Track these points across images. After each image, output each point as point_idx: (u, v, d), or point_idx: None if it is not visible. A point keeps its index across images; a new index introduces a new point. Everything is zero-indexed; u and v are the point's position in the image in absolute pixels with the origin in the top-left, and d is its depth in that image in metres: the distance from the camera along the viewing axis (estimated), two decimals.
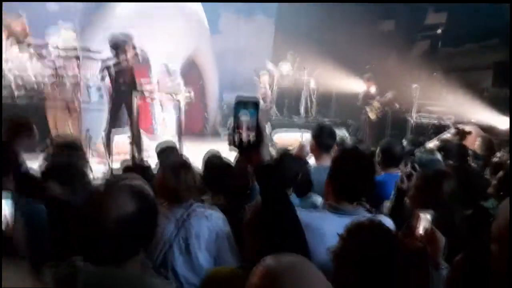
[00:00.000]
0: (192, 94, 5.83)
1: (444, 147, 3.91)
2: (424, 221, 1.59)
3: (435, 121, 8.37)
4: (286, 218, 1.32)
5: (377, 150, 3.28)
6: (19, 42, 6.44)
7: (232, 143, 1.25)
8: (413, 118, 8.31)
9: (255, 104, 1.26)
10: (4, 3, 7.12)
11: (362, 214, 1.79)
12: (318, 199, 2.64)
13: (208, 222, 2.17)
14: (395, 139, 3.69)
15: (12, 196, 1.41)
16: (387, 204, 2.47)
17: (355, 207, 1.85)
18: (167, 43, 8.98)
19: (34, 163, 2.72)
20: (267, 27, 11.88)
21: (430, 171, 2.38)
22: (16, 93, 6.02)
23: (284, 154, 2.99)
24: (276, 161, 2.66)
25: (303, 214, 1.70)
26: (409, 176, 2.39)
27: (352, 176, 1.81)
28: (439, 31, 10.47)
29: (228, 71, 11.39)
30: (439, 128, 8.16)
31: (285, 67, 10.32)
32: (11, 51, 6.20)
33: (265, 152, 1.28)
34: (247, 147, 1.24)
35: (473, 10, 8.98)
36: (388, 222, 1.78)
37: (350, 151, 2.63)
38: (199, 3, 10.15)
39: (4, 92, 6.01)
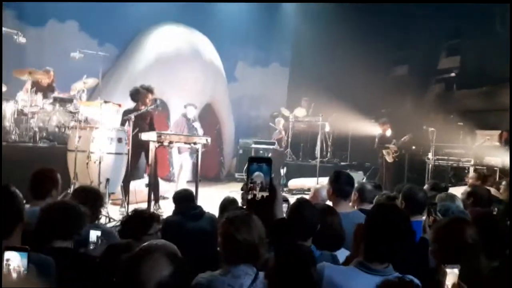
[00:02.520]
0: (209, 140, 5.92)
1: (473, 193, 3.79)
2: (451, 276, 1.54)
3: (454, 164, 8.25)
4: (303, 275, 1.31)
5: (400, 197, 3.21)
6: (45, 96, 6.77)
7: (246, 202, 1.27)
8: (431, 161, 8.21)
9: (268, 161, 1.28)
10: (29, 57, 7.60)
11: (392, 274, 1.73)
12: (342, 255, 2.52)
13: None
14: (417, 186, 3.61)
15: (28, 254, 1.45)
16: None
17: (385, 266, 1.78)
18: (186, 91, 9.30)
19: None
20: (282, 75, 12.21)
21: (447, 219, 2.31)
22: (38, 139, 6.26)
23: (301, 203, 2.74)
24: (293, 210, 2.58)
25: (330, 271, 1.66)
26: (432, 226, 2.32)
27: (389, 238, 1.73)
28: (453, 74, 10.56)
29: (244, 116, 11.62)
30: (458, 171, 8.02)
31: (300, 112, 10.49)
32: (36, 103, 6.50)
33: (279, 209, 1.29)
34: (261, 205, 1.25)
35: (486, 52, 9.09)
36: (416, 281, 1.72)
37: (388, 209, 2.19)
38: (216, 53, 10.55)
39: (26, 138, 6.26)
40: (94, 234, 2.43)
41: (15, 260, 1.42)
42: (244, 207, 1.31)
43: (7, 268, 1.39)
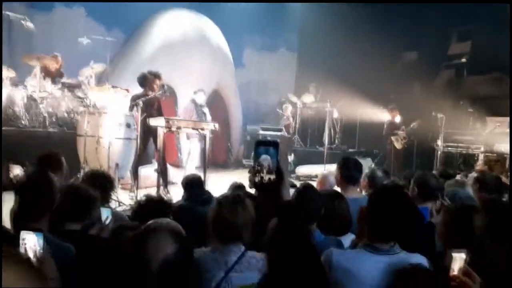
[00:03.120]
0: (217, 126, 5.93)
1: (480, 179, 3.77)
2: (458, 261, 1.53)
3: (463, 151, 8.18)
4: (307, 258, 1.32)
5: (412, 183, 3.20)
6: (54, 82, 6.82)
7: (253, 184, 1.27)
8: (440, 147, 8.15)
9: (275, 145, 1.29)
10: (37, 43, 7.62)
11: (399, 253, 1.76)
12: (346, 239, 2.54)
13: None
14: (429, 172, 3.60)
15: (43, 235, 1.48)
16: None
17: (391, 245, 1.79)
18: (193, 77, 9.28)
19: None
20: (290, 60, 12.11)
21: (457, 205, 2.31)
22: (48, 124, 6.33)
23: (306, 187, 2.79)
24: (297, 195, 2.60)
25: (338, 255, 1.68)
26: (439, 211, 2.33)
27: (392, 218, 1.74)
28: (463, 60, 10.39)
29: (252, 103, 11.60)
30: (468, 158, 7.96)
31: (308, 98, 10.43)
32: (45, 89, 6.54)
33: (286, 192, 1.31)
34: (268, 188, 1.26)
35: (498, 38, 8.91)
36: (423, 261, 1.73)
37: (390, 190, 2.21)
38: (223, 39, 10.48)
39: (37, 123, 6.33)
40: (105, 213, 2.46)
41: (31, 240, 1.46)
42: (252, 189, 1.32)
43: (24, 248, 1.43)
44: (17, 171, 2.40)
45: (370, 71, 9.90)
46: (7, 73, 6.16)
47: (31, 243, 1.47)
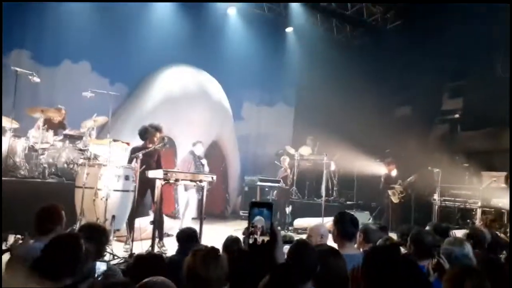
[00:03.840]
0: (215, 178, 5.97)
1: (473, 235, 3.76)
2: None
3: (461, 205, 8.18)
4: None
5: (408, 241, 3.20)
6: (56, 133, 6.95)
7: (247, 246, 1.30)
8: (437, 202, 8.16)
9: (269, 206, 1.32)
10: (42, 96, 7.85)
11: None
12: None
13: None
14: (424, 230, 3.60)
15: None
16: None
17: None
18: (193, 129, 9.47)
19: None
20: (287, 114, 12.42)
21: (456, 270, 2.29)
22: (47, 174, 6.36)
23: (301, 244, 2.75)
24: (292, 252, 2.58)
25: None
26: (435, 270, 2.31)
27: (387, 279, 1.74)
28: (456, 115, 10.66)
29: (250, 154, 11.73)
30: (466, 212, 7.94)
31: (306, 151, 10.57)
32: (47, 140, 6.65)
33: (279, 253, 1.33)
34: (262, 249, 1.28)
35: (489, 94, 9.21)
36: None
37: (385, 252, 2.16)
38: (223, 93, 10.80)
39: (36, 174, 6.36)
40: (100, 268, 2.45)
41: None
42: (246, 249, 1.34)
43: None
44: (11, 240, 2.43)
45: (366, 125, 10.14)
46: (11, 124, 6.30)
47: None
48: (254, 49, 11.18)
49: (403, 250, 3.71)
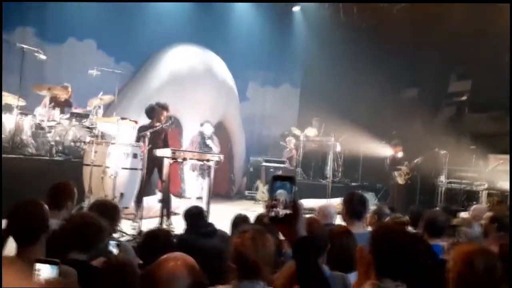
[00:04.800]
0: (222, 157, 5.98)
1: (497, 218, 3.73)
2: None
3: (467, 187, 8.18)
4: None
5: (421, 221, 3.23)
6: (62, 111, 6.94)
7: (268, 219, 1.28)
8: (444, 184, 8.16)
9: (292, 180, 1.30)
10: (48, 74, 7.81)
11: None
12: (353, 276, 2.50)
13: None
14: (440, 210, 3.63)
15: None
16: None
17: (397, 284, 1.76)
18: (199, 109, 9.44)
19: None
20: (293, 95, 12.33)
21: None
22: (54, 152, 6.38)
23: (311, 222, 2.65)
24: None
25: None
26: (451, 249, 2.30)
27: (397, 255, 1.74)
28: (464, 97, 10.56)
29: (255, 135, 11.72)
30: (471, 194, 7.95)
31: (311, 132, 10.54)
32: (54, 118, 6.65)
33: (301, 227, 1.31)
34: (284, 223, 1.27)
35: (497, 77, 9.11)
36: None
37: (393, 229, 2.11)
38: (228, 73, 10.72)
39: (43, 152, 6.38)
40: (113, 246, 2.47)
41: (46, 272, 1.48)
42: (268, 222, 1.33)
43: (37, 278, 1.45)
44: None
45: (372, 106, 10.07)
46: (17, 101, 6.29)
47: (45, 274, 1.50)
48: (260, 29, 11.05)
49: (411, 229, 3.74)
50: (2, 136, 6.26)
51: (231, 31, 10.79)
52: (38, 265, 1.50)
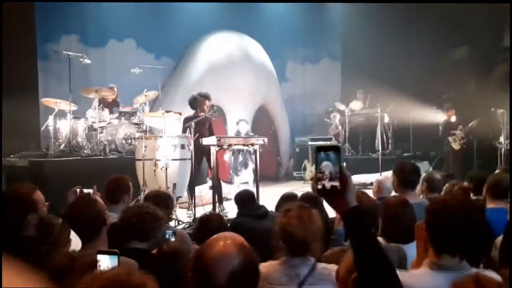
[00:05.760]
0: (266, 140, 5.99)
1: None
2: None
3: None
4: (381, 268, 1.26)
5: (485, 184, 3.09)
6: (111, 111, 7.24)
7: (316, 192, 1.23)
8: (504, 145, 7.65)
9: (337, 149, 1.22)
10: (93, 77, 8.16)
11: (468, 270, 1.61)
12: (411, 248, 2.42)
13: None
14: (503, 173, 3.44)
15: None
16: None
17: (459, 260, 1.64)
18: (240, 95, 9.50)
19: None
20: (334, 69, 12.00)
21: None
22: (108, 151, 6.70)
23: (359, 195, 2.75)
24: None
25: (401, 278, 1.60)
26: None
27: (456, 227, 1.61)
28: None
29: (298, 115, 11.58)
30: None
31: (356, 105, 10.25)
32: (104, 118, 6.96)
33: (351, 197, 1.25)
34: (332, 194, 1.21)
35: None
36: (497, 278, 1.58)
37: (447, 202, 1.82)
38: (266, 55, 10.62)
39: (97, 152, 6.72)
40: (169, 235, 2.56)
41: (105, 262, 1.56)
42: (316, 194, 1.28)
43: (98, 269, 1.52)
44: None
45: (419, 71, 9.58)
46: (69, 107, 6.64)
47: (105, 264, 1.58)
48: (293, 5, 10.80)
49: (472, 195, 3.56)
50: (60, 140, 6.67)
51: (264, 12, 10.66)
52: (99, 256, 1.58)
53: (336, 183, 1.20)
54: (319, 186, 1.21)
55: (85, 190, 2.65)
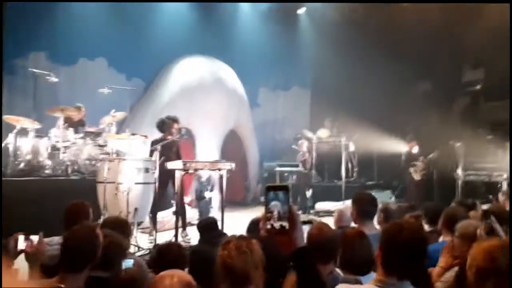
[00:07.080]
0: (234, 165, 6.01)
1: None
2: None
3: (486, 179, 7.99)
4: None
5: (441, 218, 3.22)
6: (76, 131, 7.10)
7: (265, 231, 1.25)
8: (461, 176, 7.99)
9: (286, 189, 1.26)
10: (61, 95, 8.00)
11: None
12: (367, 279, 2.48)
13: None
14: (458, 207, 3.58)
15: None
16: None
17: (402, 280, 1.78)
18: (211, 119, 9.52)
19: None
20: (304, 97, 12.29)
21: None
22: (70, 172, 6.53)
23: (319, 227, 2.76)
24: (311, 235, 2.60)
25: None
26: (488, 234, 2.27)
27: (404, 252, 1.76)
28: (478, 86, 10.34)
29: (268, 140, 11.73)
30: (491, 186, 7.76)
31: (324, 133, 10.49)
32: (68, 138, 6.81)
33: (299, 237, 1.28)
34: (280, 234, 1.24)
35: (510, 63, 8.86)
36: None
37: (401, 225, 2.07)
38: (238, 81, 10.76)
39: (59, 172, 6.53)
40: (128, 264, 2.51)
41: None
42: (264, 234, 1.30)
43: None
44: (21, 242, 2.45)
45: (384, 102, 9.94)
46: (32, 125, 6.46)
47: None
48: (266, 34, 11.10)
49: (426, 227, 3.69)
50: (20, 159, 6.46)
51: (237, 39, 10.86)
52: None
53: (285, 223, 1.23)
54: (268, 226, 1.24)
55: (31, 237, 2.51)
